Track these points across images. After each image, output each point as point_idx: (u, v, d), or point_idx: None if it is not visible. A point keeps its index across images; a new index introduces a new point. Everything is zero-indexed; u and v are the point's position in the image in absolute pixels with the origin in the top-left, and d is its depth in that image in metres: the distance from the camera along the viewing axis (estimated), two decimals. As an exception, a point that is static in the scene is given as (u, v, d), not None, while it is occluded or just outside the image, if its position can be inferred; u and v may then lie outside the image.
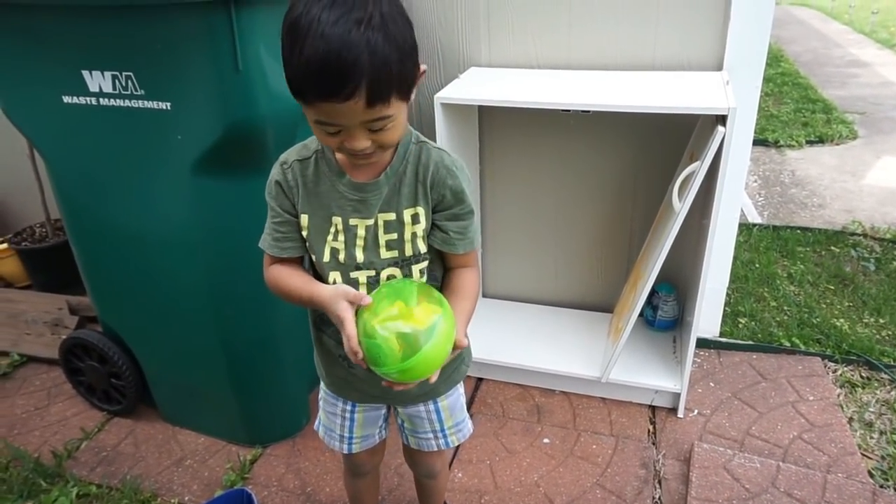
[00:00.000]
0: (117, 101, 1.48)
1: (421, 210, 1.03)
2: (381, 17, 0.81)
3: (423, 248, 1.05)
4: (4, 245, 2.80)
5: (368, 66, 0.80)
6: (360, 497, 1.53)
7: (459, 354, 1.13)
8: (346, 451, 1.32)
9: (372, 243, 1.04)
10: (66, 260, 2.70)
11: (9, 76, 1.59)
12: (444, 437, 1.30)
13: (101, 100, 1.50)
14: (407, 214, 1.03)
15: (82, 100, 1.52)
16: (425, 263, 1.08)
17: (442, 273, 1.13)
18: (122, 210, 1.66)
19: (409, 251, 1.05)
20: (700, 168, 1.55)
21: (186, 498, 1.79)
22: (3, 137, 2.84)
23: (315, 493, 1.78)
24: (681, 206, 1.61)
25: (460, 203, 1.03)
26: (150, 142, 1.50)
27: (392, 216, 1.03)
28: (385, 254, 1.04)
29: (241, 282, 1.65)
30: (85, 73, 1.48)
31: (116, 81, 1.46)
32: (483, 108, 2.09)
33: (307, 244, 1.07)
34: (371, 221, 1.03)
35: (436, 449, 1.31)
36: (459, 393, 1.30)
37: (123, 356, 1.94)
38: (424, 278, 1.08)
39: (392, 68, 0.82)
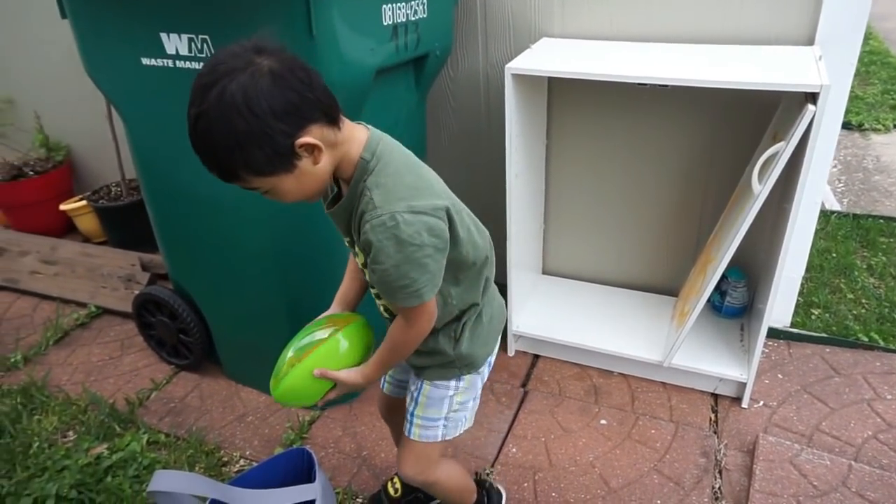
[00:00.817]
0: (193, 63, 1.51)
1: (357, 248, 1.08)
2: (207, 116, 0.89)
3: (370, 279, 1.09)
4: (83, 202, 2.93)
5: (202, 156, 0.93)
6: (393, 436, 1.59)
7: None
8: (381, 388, 1.43)
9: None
10: (139, 218, 2.81)
11: (91, 38, 1.64)
12: (410, 421, 1.26)
13: (177, 62, 1.53)
14: (356, 246, 1.08)
15: (160, 62, 1.55)
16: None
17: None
18: (196, 172, 1.68)
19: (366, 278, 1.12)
20: (785, 149, 1.46)
21: (248, 452, 1.85)
22: (84, 100, 2.97)
23: (371, 457, 1.81)
24: (760, 189, 1.53)
25: (373, 258, 0.99)
26: (224, 105, 1.53)
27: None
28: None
29: (307, 247, 1.68)
30: (163, 36, 1.51)
31: (192, 44, 1.48)
32: (553, 81, 2.03)
33: None
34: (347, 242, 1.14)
35: (405, 432, 1.28)
36: (448, 395, 1.24)
37: (192, 313, 2.01)
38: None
39: (219, 160, 0.93)
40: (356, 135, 1.02)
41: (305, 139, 0.93)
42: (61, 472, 1.78)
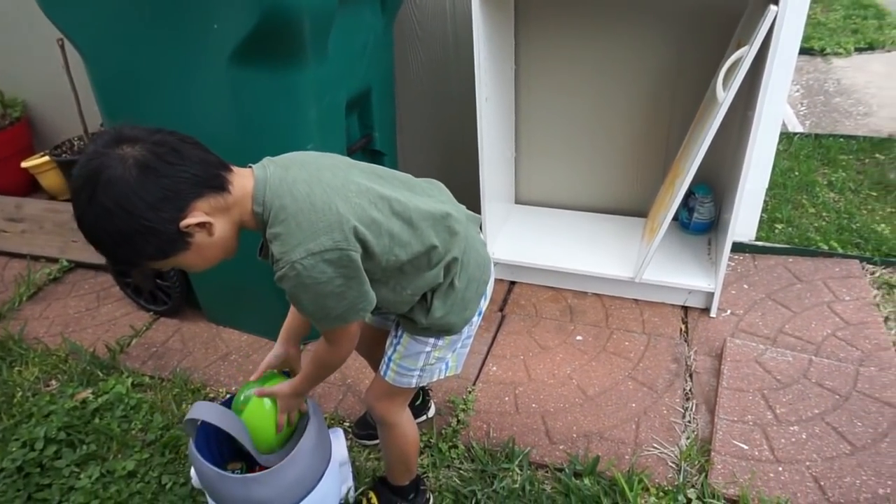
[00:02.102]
0: (152, -12, 1.46)
1: None
2: (86, 220, 0.91)
3: None
4: (46, 158, 2.85)
5: (97, 250, 0.95)
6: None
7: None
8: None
9: None
10: (104, 171, 2.77)
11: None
12: (387, 364, 1.27)
13: (137, -9, 1.49)
14: None
15: (117, -8, 1.51)
16: None
17: None
18: (162, 106, 1.67)
19: None
20: (748, 52, 1.49)
21: (233, 388, 1.88)
22: (38, 52, 2.86)
23: (355, 384, 1.85)
24: (725, 95, 1.56)
25: (291, 300, 1.04)
26: (186, 32, 1.49)
27: None
28: None
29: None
30: (121, -37, 1.46)
31: (152, -30, 1.44)
32: (519, 2, 2.01)
33: None
34: None
35: (381, 371, 1.29)
36: (425, 350, 1.23)
37: (167, 257, 2.00)
38: None
39: (113, 255, 0.97)
40: (247, 187, 0.99)
41: (190, 220, 0.93)
42: (48, 416, 1.79)
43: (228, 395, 1.38)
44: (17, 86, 3.04)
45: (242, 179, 1.00)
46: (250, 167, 1.04)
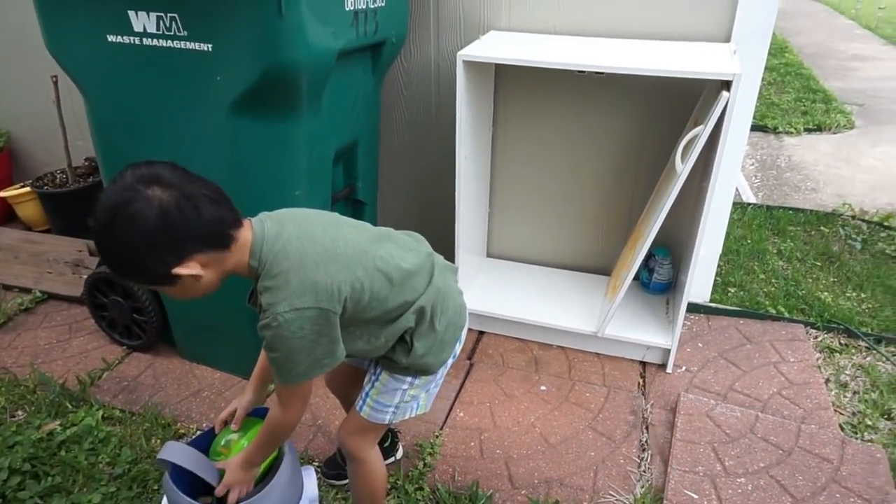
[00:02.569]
0: (161, 41, 1.57)
1: None
2: (99, 237, 1.01)
3: None
4: (26, 189, 2.88)
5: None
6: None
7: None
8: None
9: None
10: (85, 206, 2.80)
11: (55, 16, 1.67)
12: (363, 399, 1.33)
13: (144, 40, 1.59)
14: None
15: (126, 39, 1.61)
16: None
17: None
18: (159, 149, 1.74)
19: None
20: (703, 131, 1.65)
21: (204, 425, 1.90)
22: (29, 87, 2.93)
23: (325, 425, 1.90)
24: (683, 168, 1.72)
25: (266, 347, 1.09)
26: (189, 82, 1.60)
27: None
28: None
29: (267, 221, 1.75)
30: (131, 14, 1.57)
31: (161, 22, 1.55)
32: (500, 69, 2.18)
33: None
34: None
35: (356, 407, 1.35)
36: (402, 388, 1.30)
37: (148, 292, 2.05)
38: None
39: (111, 267, 1.04)
40: (246, 240, 1.09)
41: (182, 270, 1.02)
42: (13, 447, 1.78)
43: (199, 433, 1.42)
44: (3, 117, 3.09)
45: (245, 231, 1.09)
46: (249, 221, 1.12)
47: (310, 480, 1.46)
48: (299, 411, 1.20)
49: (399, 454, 1.77)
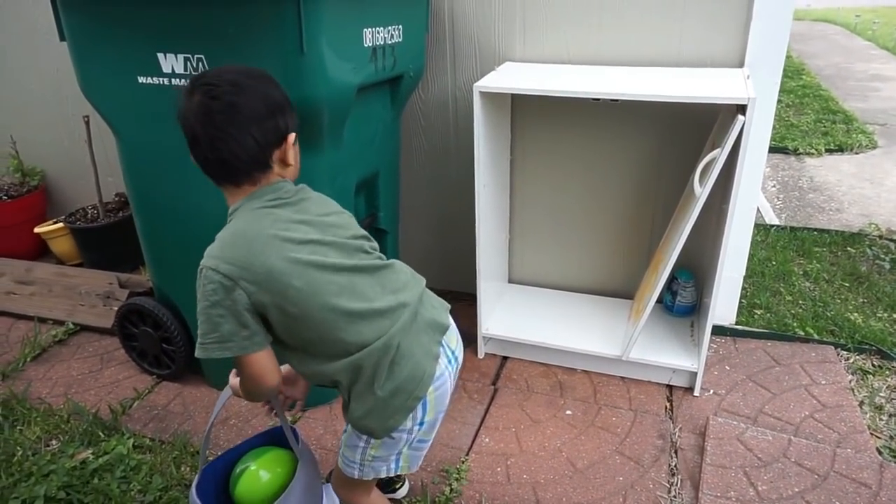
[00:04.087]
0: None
1: None
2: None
3: None
4: (60, 224, 2.98)
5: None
6: None
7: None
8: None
9: None
10: (115, 240, 2.90)
11: (88, 59, 1.76)
12: (339, 450, 1.33)
13: (173, 80, 1.66)
14: None
15: (156, 80, 1.68)
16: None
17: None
18: (185, 184, 1.80)
19: None
20: (720, 155, 1.67)
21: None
22: (62, 127, 3.06)
23: (351, 452, 1.90)
24: (701, 191, 1.73)
25: None
26: (216, 118, 1.65)
27: None
28: None
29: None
30: (160, 56, 1.64)
31: (188, 63, 1.62)
32: (516, 99, 2.22)
33: None
34: None
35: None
36: (360, 446, 1.25)
37: (176, 322, 2.09)
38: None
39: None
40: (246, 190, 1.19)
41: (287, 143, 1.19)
42: (47, 476, 1.82)
43: (217, 456, 1.47)
44: (39, 157, 3.21)
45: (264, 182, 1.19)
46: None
47: (329, 499, 1.47)
48: (251, 383, 1.18)
49: (403, 492, 1.72)
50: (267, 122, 1.15)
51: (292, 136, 1.21)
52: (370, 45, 1.73)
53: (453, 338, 1.29)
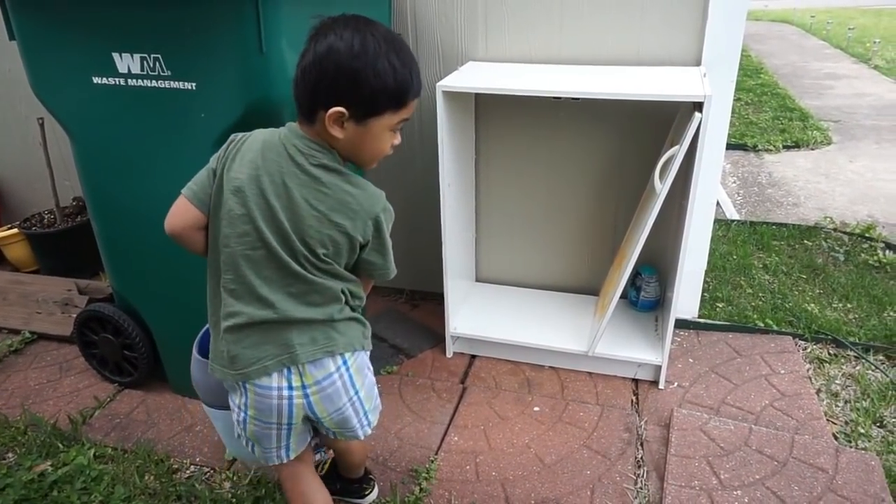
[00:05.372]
0: (145, 81, 1.60)
1: None
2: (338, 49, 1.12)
3: None
4: (14, 230, 2.89)
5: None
6: None
7: None
8: None
9: None
10: (73, 245, 2.83)
11: (40, 59, 1.71)
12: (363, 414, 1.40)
13: (129, 80, 1.62)
14: None
15: (111, 80, 1.64)
16: None
17: None
18: (146, 187, 1.77)
19: None
20: (679, 151, 1.70)
21: (198, 459, 1.89)
22: (15, 129, 2.96)
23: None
24: (661, 187, 1.76)
25: None
26: (174, 120, 1.63)
27: None
28: None
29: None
30: (115, 56, 1.60)
31: (145, 63, 1.58)
32: (479, 98, 2.23)
33: None
34: None
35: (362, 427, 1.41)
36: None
37: (137, 328, 2.05)
38: None
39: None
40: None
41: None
42: (3, 490, 1.76)
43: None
44: (-10, 161, 3.11)
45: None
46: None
47: None
48: (168, 220, 1.25)
49: (372, 497, 1.71)
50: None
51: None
52: (331, 44, 1.72)
53: (311, 377, 1.24)
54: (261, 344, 1.21)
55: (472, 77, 1.99)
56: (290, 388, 1.24)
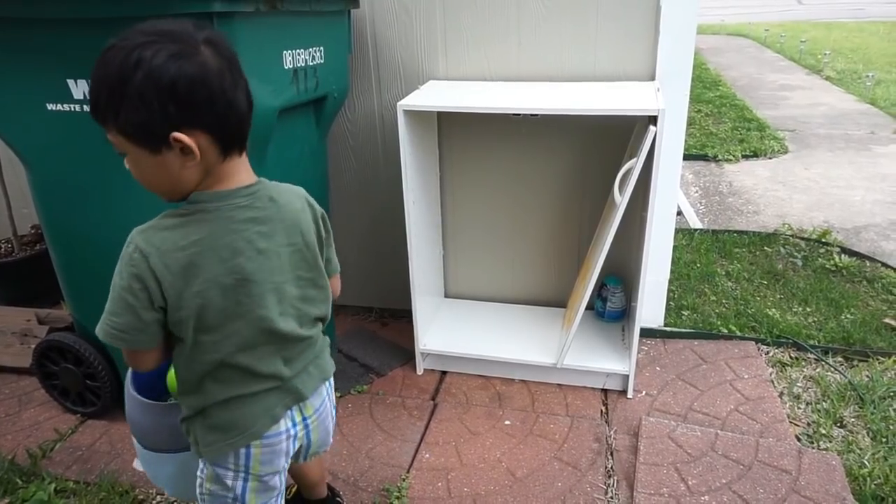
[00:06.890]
0: (102, 106, 1.58)
1: None
2: (119, 53, 0.97)
3: None
4: (-30, 260, 2.81)
5: (92, 82, 1.01)
6: None
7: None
8: None
9: None
10: (32, 274, 2.76)
11: (-9, 85, 1.68)
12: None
13: (84, 106, 1.60)
14: None
15: (66, 107, 1.62)
16: None
17: None
18: (103, 213, 1.75)
19: None
20: (636, 164, 1.74)
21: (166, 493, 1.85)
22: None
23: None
24: (621, 200, 1.79)
25: None
26: (132, 144, 1.61)
27: None
28: None
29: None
30: (70, 82, 1.58)
31: (101, 88, 1.57)
32: (442, 116, 2.26)
33: None
34: None
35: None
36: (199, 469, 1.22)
37: (100, 357, 2.01)
38: None
39: (99, 94, 0.99)
40: (229, 179, 1.04)
41: (183, 136, 0.94)
42: (-41, 530, 1.70)
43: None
44: (-55, 190, 3.03)
45: (234, 173, 1.05)
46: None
47: None
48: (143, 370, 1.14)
49: None
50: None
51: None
52: (291, 66, 1.72)
53: (310, 408, 1.23)
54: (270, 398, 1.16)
55: (433, 95, 2.01)
56: (294, 424, 1.20)
